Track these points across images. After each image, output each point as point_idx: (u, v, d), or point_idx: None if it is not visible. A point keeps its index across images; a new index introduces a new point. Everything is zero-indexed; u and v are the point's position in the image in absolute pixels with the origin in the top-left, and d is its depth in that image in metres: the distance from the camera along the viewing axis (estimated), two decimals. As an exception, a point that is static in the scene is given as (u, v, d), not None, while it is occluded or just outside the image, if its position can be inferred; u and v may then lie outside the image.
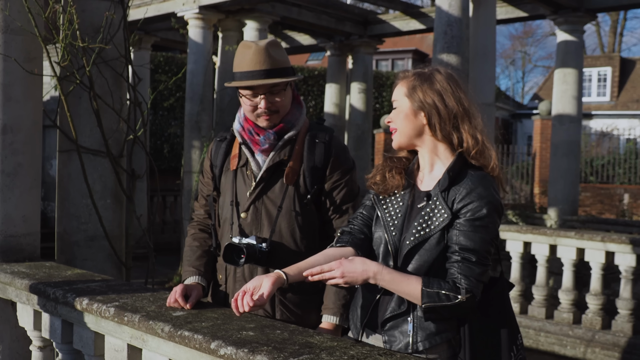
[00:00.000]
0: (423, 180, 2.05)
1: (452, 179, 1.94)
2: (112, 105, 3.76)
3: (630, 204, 14.55)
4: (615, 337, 6.19)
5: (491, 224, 1.90)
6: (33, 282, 2.68)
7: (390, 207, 2.05)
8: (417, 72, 2.05)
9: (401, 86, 2.05)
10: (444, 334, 1.92)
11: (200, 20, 9.49)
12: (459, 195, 1.91)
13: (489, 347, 1.95)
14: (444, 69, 2.05)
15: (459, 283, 1.85)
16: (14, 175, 3.22)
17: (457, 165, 1.96)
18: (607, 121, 24.15)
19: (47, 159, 10.52)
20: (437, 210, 1.93)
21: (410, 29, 10.86)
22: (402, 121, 2.02)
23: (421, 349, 1.91)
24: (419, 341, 1.91)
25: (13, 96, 3.21)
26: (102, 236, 3.73)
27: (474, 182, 1.91)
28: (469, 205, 1.89)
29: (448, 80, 2.01)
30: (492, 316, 1.99)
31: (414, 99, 2.00)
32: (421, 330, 1.91)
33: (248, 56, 2.29)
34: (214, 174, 2.49)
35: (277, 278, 1.97)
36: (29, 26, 3.25)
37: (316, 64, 24.39)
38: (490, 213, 1.89)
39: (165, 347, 2.08)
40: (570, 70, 8.97)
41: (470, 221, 1.89)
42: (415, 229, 1.94)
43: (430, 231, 1.92)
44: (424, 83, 2.00)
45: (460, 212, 1.90)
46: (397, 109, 2.05)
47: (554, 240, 6.51)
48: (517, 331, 2.06)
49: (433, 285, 1.85)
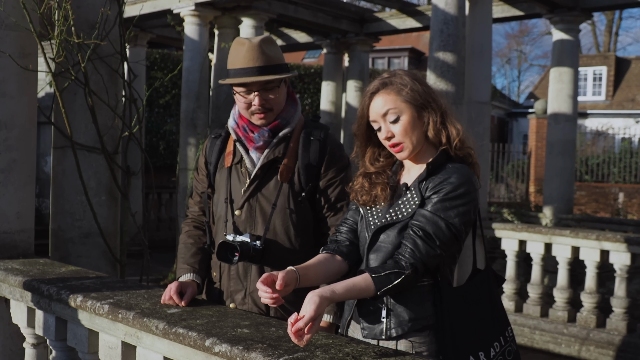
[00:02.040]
0: (411, 177, 2.05)
1: (430, 171, 1.95)
2: (108, 102, 3.75)
3: (625, 202, 14.60)
4: (609, 336, 6.21)
5: (452, 208, 1.90)
6: (27, 279, 2.67)
7: (374, 208, 2.06)
8: (386, 78, 2.01)
9: (388, 95, 1.98)
10: (419, 321, 1.92)
11: (196, 17, 9.46)
12: (432, 184, 1.93)
13: (471, 335, 1.95)
14: (401, 71, 2.04)
15: (402, 258, 1.87)
16: (8, 171, 3.21)
17: (439, 160, 1.97)
18: (602, 120, 24.20)
19: (42, 156, 10.49)
20: (411, 199, 1.96)
21: (406, 27, 10.85)
22: (411, 129, 1.97)
23: (394, 335, 1.92)
24: (392, 327, 1.93)
25: (7, 92, 3.20)
26: (97, 233, 3.72)
27: (449, 172, 1.94)
28: (439, 192, 1.91)
29: (419, 79, 2.02)
30: (473, 305, 1.99)
31: (413, 101, 1.97)
32: (394, 317, 1.93)
33: (241, 53, 2.28)
34: (209, 171, 2.48)
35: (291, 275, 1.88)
36: (24, 22, 3.23)
37: (312, 61, 24.38)
38: (454, 197, 1.90)
39: (159, 344, 2.07)
40: (566, 69, 8.98)
41: (432, 202, 1.91)
42: (389, 213, 1.97)
43: (401, 217, 1.95)
44: (411, 83, 1.98)
45: (431, 197, 1.93)
46: (400, 118, 1.97)
47: (549, 238, 6.52)
48: (507, 324, 2.07)
49: (378, 270, 1.86)
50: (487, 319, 2.00)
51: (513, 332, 2.09)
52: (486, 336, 1.98)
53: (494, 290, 2.09)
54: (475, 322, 1.97)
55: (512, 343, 2.06)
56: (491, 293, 2.07)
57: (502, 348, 2.01)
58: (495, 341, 1.99)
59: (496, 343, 1.99)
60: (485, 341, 1.97)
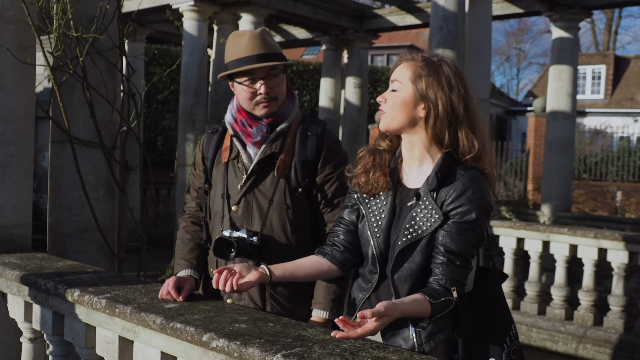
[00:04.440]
0: (410, 175, 1.99)
1: (440, 180, 1.89)
2: (106, 96, 3.73)
3: (623, 201, 14.61)
4: (606, 334, 6.21)
5: (479, 227, 1.88)
6: (24, 273, 2.66)
7: (375, 207, 2.01)
8: (425, 58, 1.94)
9: (406, 68, 1.94)
10: (445, 331, 1.91)
11: (195, 13, 9.45)
12: (449, 197, 1.88)
13: (483, 339, 1.94)
14: (451, 61, 1.96)
15: (447, 285, 1.85)
16: (6, 165, 3.20)
17: (445, 166, 1.91)
18: (600, 119, 24.21)
19: (40, 151, 10.46)
20: (427, 211, 1.90)
21: (406, 23, 10.85)
22: (398, 107, 1.92)
23: (427, 350, 1.88)
24: (423, 343, 1.88)
25: (5, 86, 3.19)
26: (95, 228, 3.71)
27: (465, 184, 1.87)
28: (459, 208, 1.86)
29: (455, 75, 1.92)
30: (484, 308, 1.98)
31: (418, 87, 1.91)
32: (423, 332, 1.89)
33: (244, 42, 2.28)
34: (206, 166, 2.47)
35: (262, 275, 1.97)
36: (22, 15, 3.22)
37: (311, 58, 24.35)
38: (479, 217, 1.87)
39: (157, 339, 2.07)
40: (565, 67, 8.99)
41: (458, 224, 1.86)
42: (407, 230, 1.90)
43: (422, 232, 1.89)
44: (432, 74, 1.90)
45: (449, 214, 1.88)
46: (397, 91, 1.94)
47: (547, 236, 6.53)
48: (511, 321, 2.05)
49: (434, 295, 1.83)
50: (497, 320, 1.99)
51: (516, 329, 2.08)
52: (496, 339, 1.97)
53: (500, 289, 2.08)
54: (487, 326, 1.96)
55: (516, 340, 2.05)
56: (499, 293, 2.06)
57: (509, 348, 2.00)
58: (504, 342, 1.98)
59: (505, 345, 1.98)
60: (495, 345, 1.96)
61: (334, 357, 1.63)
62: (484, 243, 1.97)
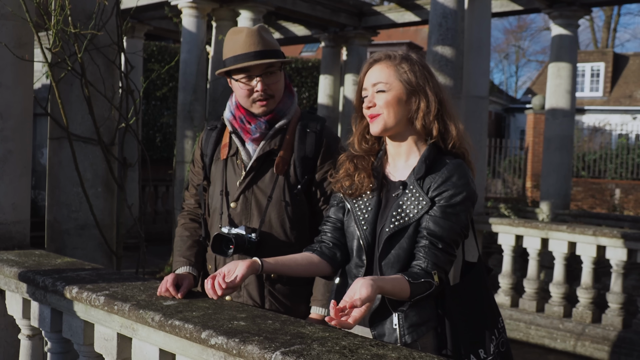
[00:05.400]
0: (397, 169, 2.02)
1: (428, 167, 1.93)
2: (104, 93, 3.72)
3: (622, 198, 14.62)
4: (605, 331, 6.22)
5: (462, 212, 1.91)
6: (22, 270, 2.65)
7: (360, 202, 2.03)
8: (397, 55, 1.98)
9: (385, 68, 1.97)
10: (429, 323, 1.92)
11: (194, 9, 9.42)
12: (435, 183, 1.91)
13: (470, 332, 1.95)
14: (411, 53, 2.01)
15: (428, 268, 1.86)
16: (4, 162, 3.19)
17: (433, 154, 1.95)
18: (599, 116, 24.22)
19: (38, 148, 10.46)
20: (414, 198, 1.93)
21: (405, 20, 10.83)
22: (394, 104, 1.95)
23: (409, 342, 1.91)
24: (406, 334, 1.91)
25: (3, 82, 3.17)
26: (93, 225, 3.70)
27: (450, 171, 1.92)
28: (444, 193, 1.90)
29: (426, 65, 1.99)
30: (471, 301, 1.99)
31: (406, 82, 1.95)
32: (406, 322, 1.91)
33: (241, 39, 2.27)
34: (204, 163, 2.47)
35: (251, 263, 1.96)
36: (20, 11, 3.21)
37: (310, 55, 24.33)
38: (463, 201, 1.90)
39: (155, 337, 2.06)
40: (564, 64, 8.97)
41: (442, 207, 1.90)
42: (394, 217, 1.93)
43: (409, 219, 1.92)
44: (413, 68, 1.96)
45: (435, 199, 1.91)
46: (385, 91, 1.96)
47: (546, 233, 6.53)
48: (498, 314, 2.08)
49: (414, 277, 1.84)
50: (484, 314, 2.01)
51: (503, 322, 2.10)
52: (484, 332, 1.98)
53: (487, 282, 2.10)
54: (474, 319, 1.97)
55: (503, 333, 2.08)
56: (486, 286, 2.07)
57: (497, 340, 2.01)
58: (492, 334, 2.00)
59: (493, 337, 1.99)
60: (483, 337, 1.97)
61: (333, 354, 1.63)
62: (476, 236, 1.99)
